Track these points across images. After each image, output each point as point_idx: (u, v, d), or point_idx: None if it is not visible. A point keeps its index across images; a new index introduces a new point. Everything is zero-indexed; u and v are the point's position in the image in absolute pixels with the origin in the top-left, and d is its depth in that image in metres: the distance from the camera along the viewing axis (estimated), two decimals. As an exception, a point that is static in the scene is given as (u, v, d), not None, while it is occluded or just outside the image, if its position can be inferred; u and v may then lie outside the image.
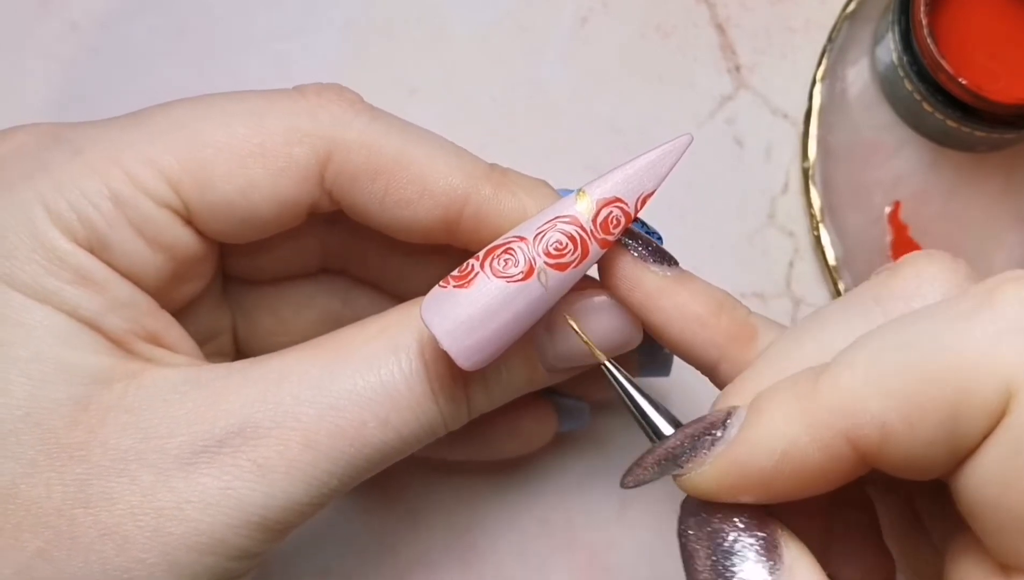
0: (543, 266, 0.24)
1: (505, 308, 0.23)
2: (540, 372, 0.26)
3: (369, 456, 0.25)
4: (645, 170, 0.25)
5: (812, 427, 0.20)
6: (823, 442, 0.20)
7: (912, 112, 0.34)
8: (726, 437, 0.21)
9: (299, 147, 0.26)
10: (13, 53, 0.38)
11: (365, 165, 0.26)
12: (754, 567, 0.21)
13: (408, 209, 0.26)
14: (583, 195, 0.24)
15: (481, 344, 0.23)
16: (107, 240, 0.25)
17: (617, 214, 0.24)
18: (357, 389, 0.24)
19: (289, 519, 0.24)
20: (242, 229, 0.26)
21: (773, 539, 0.21)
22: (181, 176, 0.25)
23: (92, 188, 0.25)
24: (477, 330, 0.23)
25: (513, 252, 0.24)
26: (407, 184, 0.26)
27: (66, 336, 0.24)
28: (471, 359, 0.23)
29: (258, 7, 0.39)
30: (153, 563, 0.23)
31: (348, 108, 0.26)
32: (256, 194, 0.26)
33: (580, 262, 0.24)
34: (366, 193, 0.26)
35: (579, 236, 0.24)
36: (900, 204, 0.35)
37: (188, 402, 0.24)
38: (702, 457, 0.21)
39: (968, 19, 0.33)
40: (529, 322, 0.24)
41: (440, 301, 0.24)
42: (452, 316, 0.23)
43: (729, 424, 0.21)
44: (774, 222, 0.37)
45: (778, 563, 0.21)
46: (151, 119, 0.26)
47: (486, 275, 0.24)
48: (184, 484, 0.23)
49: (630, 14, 0.38)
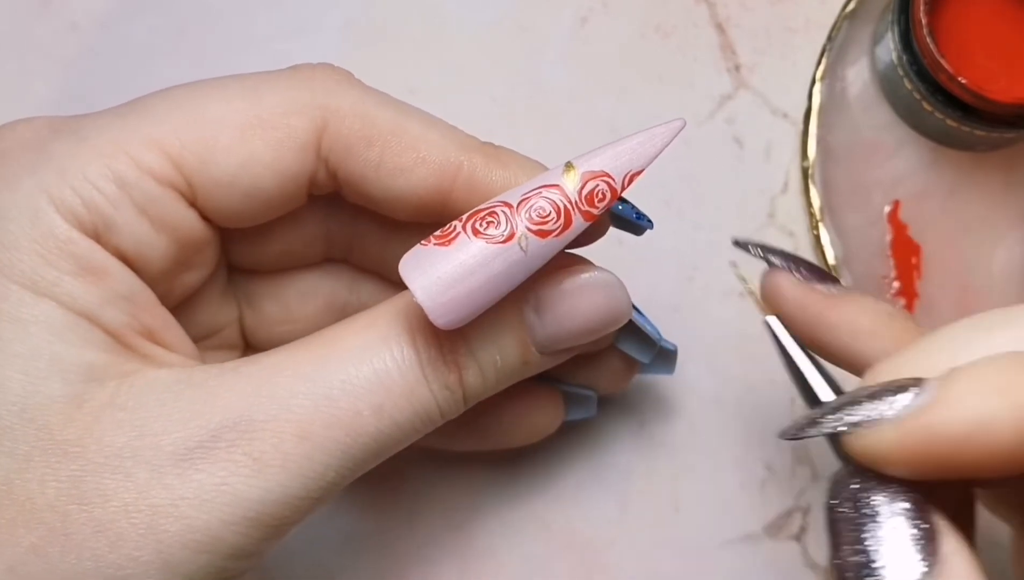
0: (525, 232, 0.24)
1: (483, 268, 0.24)
2: (534, 355, 0.26)
3: (366, 446, 0.25)
4: (635, 149, 0.25)
5: (1018, 406, 0.19)
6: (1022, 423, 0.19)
7: (912, 111, 0.34)
8: (919, 402, 0.20)
9: (296, 117, 0.26)
10: (13, 53, 0.38)
11: (360, 133, 0.26)
12: (909, 556, 0.19)
13: (402, 177, 0.26)
14: (571, 168, 0.25)
15: (456, 302, 0.23)
16: (112, 222, 0.25)
17: (603, 188, 0.25)
18: (350, 379, 0.24)
19: (286, 515, 0.24)
20: (245, 207, 0.26)
21: (934, 529, 0.20)
22: (183, 153, 0.25)
23: (96, 172, 0.25)
24: (453, 287, 0.23)
25: (496, 215, 0.24)
26: (402, 151, 0.26)
27: (63, 331, 0.24)
28: (445, 317, 0.23)
29: (258, 7, 0.39)
30: (147, 561, 0.23)
31: (342, 80, 0.27)
32: (257, 166, 0.26)
33: (562, 232, 0.24)
34: (361, 161, 0.26)
35: (563, 206, 0.24)
36: (900, 203, 0.35)
37: (182, 400, 0.24)
38: (887, 419, 0.20)
39: (968, 18, 0.33)
40: (508, 286, 0.24)
41: (419, 257, 0.24)
42: (429, 272, 0.23)
43: (923, 390, 0.20)
44: (774, 221, 0.37)
45: (936, 555, 0.19)
46: (149, 103, 0.26)
47: (467, 235, 0.24)
48: (179, 481, 0.23)
49: (630, 14, 0.38)
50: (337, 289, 0.31)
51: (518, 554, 0.35)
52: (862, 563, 0.20)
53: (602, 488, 0.35)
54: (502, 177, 0.26)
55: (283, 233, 0.29)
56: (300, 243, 0.30)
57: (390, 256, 0.30)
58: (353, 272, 0.31)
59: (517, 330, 0.26)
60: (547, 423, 0.32)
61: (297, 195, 0.27)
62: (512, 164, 0.27)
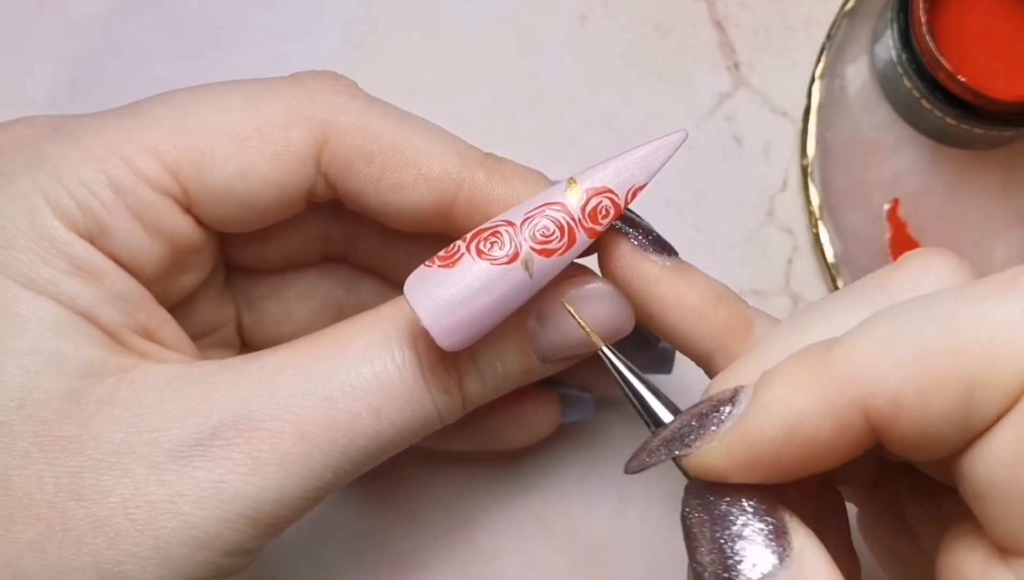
0: (529, 252, 0.24)
1: (488, 290, 0.23)
2: (534, 362, 0.26)
3: (364, 447, 0.25)
4: (638, 163, 0.25)
5: (825, 396, 0.20)
6: (835, 412, 0.20)
7: (911, 110, 0.34)
8: (735, 413, 0.21)
9: (296, 130, 0.26)
10: (12, 52, 0.38)
11: (360, 148, 0.26)
12: (762, 552, 0.20)
13: (403, 193, 0.26)
14: (574, 184, 0.24)
15: (461, 324, 0.23)
16: (106, 227, 0.25)
17: (607, 205, 0.24)
18: (350, 381, 0.24)
19: (283, 513, 0.24)
20: (242, 215, 0.26)
21: (782, 524, 0.21)
22: (179, 162, 0.25)
23: (91, 176, 0.25)
24: (458, 310, 0.23)
25: (500, 235, 0.24)
26: (402, 168, 0.26)
27: (61, 327, 0.24)
28: (450, 338, 0.23)
29: (258, 7, 0.39)
30: (145, 557, 0.23)
31: (344, 92, 0.27)
32: (254, 178, 0.26)
33: (566, 250, 0.24)
34: (361, 177, 0.26)
35: (567, 224, 0.24)
36: (899, 201, 0.35)
37: (181, 397, 0.24)
38: (711, 435, 0.21)
39: (967, 17, 0.33)
40: (512, 307, 0.24)
41: (424, 279, 0.24)
42: (434, 294, 0.23)
43: (738, 400, 0.21)
44: (773, 220, 0.37)
45: (787, 549, 0.20)
46: (149, 108, 0.26)
47: (471, 256, 0.24)
48: (176, 477, 0.23)
49: (629, 13, 0.38)
50: (335, 289, 0.31)
51: (518, 554, 0.35)
52: (718, 561, 0.20)
53: (602, 488, 0.35)
54: (504, 193, 0.26)
55: (282, 235, 0.29)
56: (299, 244, 0.30)
57: (390, 258, 0.30)
58: (351, 272, 0.31)
59: (519, 339, 0.26)
60: (544, 425, 0.32)
61: (295, 205, 0.27)
62: (514, 179, 0.26)
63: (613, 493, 0.35)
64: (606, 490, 0.35)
